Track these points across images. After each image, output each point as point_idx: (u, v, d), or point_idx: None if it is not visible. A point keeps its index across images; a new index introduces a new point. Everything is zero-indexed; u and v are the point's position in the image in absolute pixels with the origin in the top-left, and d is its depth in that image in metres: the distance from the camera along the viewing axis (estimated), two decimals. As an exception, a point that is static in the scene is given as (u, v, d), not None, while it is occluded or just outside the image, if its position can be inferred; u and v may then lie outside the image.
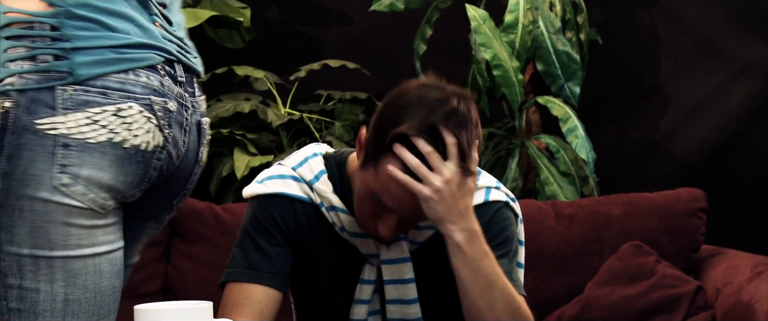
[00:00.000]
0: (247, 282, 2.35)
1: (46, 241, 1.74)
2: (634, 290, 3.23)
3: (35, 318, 1.75)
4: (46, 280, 1.75)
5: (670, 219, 3.40)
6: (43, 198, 1.73)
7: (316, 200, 2.39)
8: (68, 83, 1.74)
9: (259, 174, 2.46)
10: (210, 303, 1.70)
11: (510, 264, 2.37)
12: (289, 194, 2.40)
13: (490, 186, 2.41)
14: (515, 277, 2.38)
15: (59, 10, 1.77)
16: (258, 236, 2.38)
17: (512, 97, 4.07)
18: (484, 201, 2.39)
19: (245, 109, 4.15)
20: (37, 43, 1.74)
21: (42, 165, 1.72)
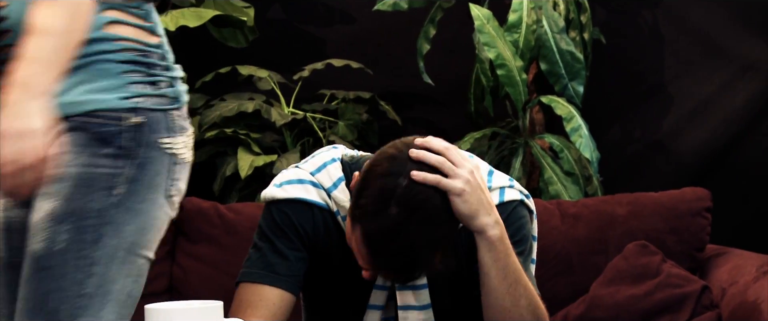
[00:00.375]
0: (263, 283, 2.35)
1: (145, 241, 1.98)
2: (639, 290, 3.23)
3: (102, 307, 1.90)
4: (126, 275, 1.95)
5: (675, 218, 3.40)
6: (158, 204, 1.98)
7: (334, 208, 2.39)
8: (175, 108, 2.00)
9: (277, 177, 2.46)
10: (220, 302, 1.71)
11: (525, 262, 2.37)
12: (307, 200, 2.40)
13: (503, 186, 2.41)
14: (529, 276, 2.38)
15: (163, 41, 2.05)
16: (276, 239, 2.38)
17: (516, 97, 4.07)
18: (500, 202, 2.38)
19: (249, 108, 4.14)
20: (155, 70, 1.99)
21: (162, 177, 1.98)
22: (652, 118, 4.46)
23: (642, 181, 4.36)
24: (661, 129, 4.46)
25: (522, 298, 2.27)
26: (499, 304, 2.27)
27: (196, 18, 4.09)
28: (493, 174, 2.42)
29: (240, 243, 3.34)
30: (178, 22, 4.05)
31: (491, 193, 2.37)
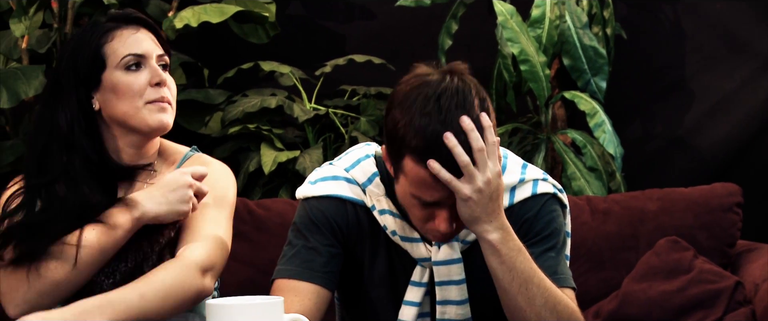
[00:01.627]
0: (299, 279, 2.35)
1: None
2: (671, 286, 3.23)
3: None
4: None
5: (706, 214, 3.39)
6: None
7: (369, 203, 2.39)
8: None
9: (311, 174, 2.46)
10: (281, 298, 1.70)
11: (557, 256, 2.36)
12: (342, 196, 2.40)
13: (537, 178, 2.40)
14: (562, 270, 2.36)
15: None
16: (311, 236, 2.38)
17: (539, 92, 4.06)
18: (532, 194, 2.38)
19: (272, 104, 4.14)
20: None
21: None
22: (674, 113, 4.45)
23: (663, 177, 4.36)
24: (682, 125, 4.45)
25: (536, 297, 2.25)
26: (514, 305, 2.26)
27: (218, 14, 4.08)
28: (527, 167, 2.42)
29: (270, 239, 3.34)
30: (200, 18, 4.04)
31: (524, 185, 2.37)
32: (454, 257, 2.35)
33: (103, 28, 2.43)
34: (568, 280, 2.36)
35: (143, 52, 2.42)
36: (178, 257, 2.29)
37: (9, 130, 4.05)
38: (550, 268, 2.33)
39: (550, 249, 2.35)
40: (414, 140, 2.17)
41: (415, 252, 2.37)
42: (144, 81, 2.40)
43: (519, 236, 2.34)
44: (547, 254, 2.34)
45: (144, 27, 2.45)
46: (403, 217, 2.37)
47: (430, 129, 2.16)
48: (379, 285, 2.42)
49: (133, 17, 2.46)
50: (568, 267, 2.40)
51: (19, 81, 3.72)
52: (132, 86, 2.40)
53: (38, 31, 4.02)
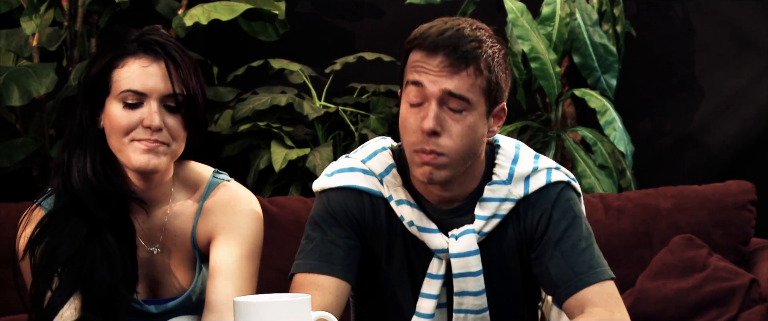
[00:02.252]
0: (318, 273, 2.34)
1: None
2: (686, 283, 3.23)
3: None
4: None
5: (720, 211, 3.39)
6: None
7: (386, 194, 2.39)
8: None
9: (328, 167, 2.46)
10: (309, 296, 1.69)
11: (589, 247, 2.35)
12: (358, 187, 2.40)
13: (550, 167, 2.40)
14: (598, 262, 2.35)
15: None
16: (328, 228, 2.38)
17: (549, 90, 4.06)
18: (547, 182, 2.38)
19: (282, 102, 4.13)
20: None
21: None
22: (683, 111, 4.45)
23: (673, 175, 4.35)
24: (691, 122, 4.45)
25: None
26: None
27: (228, 12, 4.07)
28: (539, 157, 2.42)
29: (283, 236, 3.34)
30: (210, 16, 4.03)
31: (537, 174, 2.38)
32: (472, 249, 2.35)
33: (120, 48, 2.31)
34: (606, 272, 2.35)
35: (145, 90, 2.28)
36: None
37: (19, 128, 4.05)
38: (586, 263, 2.33)
39: (578, 240, 2.34)
40: (413, 35, 2.33)
41: (431, 243, 2.36)
42: (136, 120, 2.28)
43: (537, 228, 2.35)
44: (578, 247, 2.33)
45: (164, 59, 2.31)
46: (420, 207, 2.37)
47: (429, 25, 2.32)
48: (396, 277, 2.42)
49: (153, 47, 2.31)
50: (602, 254, 2.39)
51: (31, 79, 3.71)
52: (121, 122, 2.28)
53: (49, 28, 4.01)
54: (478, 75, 2.25)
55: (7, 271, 3.25)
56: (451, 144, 2.27)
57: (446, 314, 2.42)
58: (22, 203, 3.35)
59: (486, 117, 2.29)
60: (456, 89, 2.25)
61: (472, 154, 2.30)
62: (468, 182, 2.37)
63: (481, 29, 2.30)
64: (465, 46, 2.25)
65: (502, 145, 2.41)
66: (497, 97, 2.29)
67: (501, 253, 2.38)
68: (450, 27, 2.29)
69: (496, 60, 2.27)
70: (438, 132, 2.26)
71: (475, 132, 2.28)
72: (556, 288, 2.33)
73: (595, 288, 2.31)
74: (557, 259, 2.33)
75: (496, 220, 2.37)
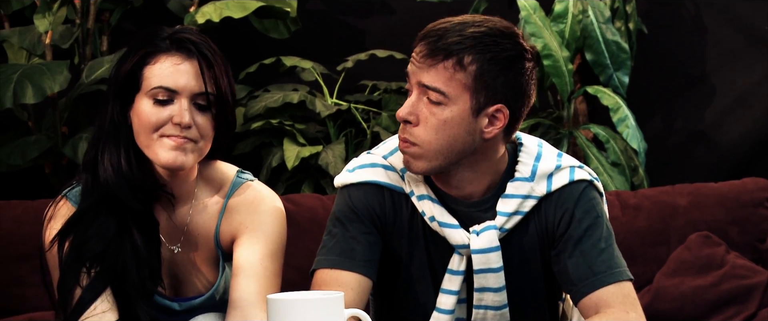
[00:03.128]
0: (340, 269, 2.34)
1: None
2: (704, 281, 3.22)
3: None
4: None
5: (737, 209, 3.39)
6: None
7: (407, 189, 2.38)
8: None
9: (350, 163, 2.45)
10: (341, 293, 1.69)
11: (609, 247, 2.34)
12: (380, 182, 2.39)
13: (573, 165, 2.39)
14: (618, 263, 2.34)
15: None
16: (350, 224, 2.37)
17: (562, 87, 4.06)
18: (570, 181, 2.37)
19: (294, 99, 4.13)
20: None
21: None
22: (694, 108, 4.45)
23: (684, 172, 4.35)
24: (703, 119, 4.44)
25: None
26: None
27: (240, 9, 4.07)
28: (563, 155, 2.41)
29: (300, 234, 3.33)
30: (222, 14, 4.03)
31: (560, 171, 2.37)
32: (493, 245, 2.35)
33: (153, 45, 2.30)
34: (625, 273, 2.34)
35: (177, 87, 2.27)
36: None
37: (31, 126, 4.04)
38: (604, 263, 2.32)
39: (598, 240, 2.33)
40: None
41: (453, 238, 2.36)
42: (166, 116, 2.27)
43: (559, 225, 2.35)
44: (598, 246, 2.33)
45: (197, 57, 2.29)
46: (441, 202, 2.36)
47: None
48: (417, 273, 2.41)
49: (186, 45, 2.29)
50: (621, 255, 2.39)
51: (45, 76, 3.71)
52: (150, 119, 2.27)
53: (61, 26, 4.01)
54: (458, 70, 2.24)
55: (24, 268, 3.29)
56: (425, 135, 2.28)
57: (466, 310, 2.42)
58: (39, 200, 3.36)
59: (473, 115, 2.27)
60: (430, 81, 2.26)
61: (454, 149, 2.29)
62: (481, 179, 2.36)
63: (491, 28, 2.28)
64: (447, 39, 2.25)
65: (524, 143, 2.41)
66: (490, 97, 2.27)
67: (522, 249, 2.38)
68: (455, 21, 2.30)
69: (496, 60, 2.25)
70: (410, 121, 2.28)
71: (453, 127, 2.27)
72: (573, 286, 2.33)
73: (612, 288, 2.30)
74: (576, 257, 2.33)
75: (517, 216, 2.36)
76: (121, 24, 4.26)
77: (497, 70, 2.26)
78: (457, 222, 2.36)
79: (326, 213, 3.43)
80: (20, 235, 3.30)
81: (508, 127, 2.31)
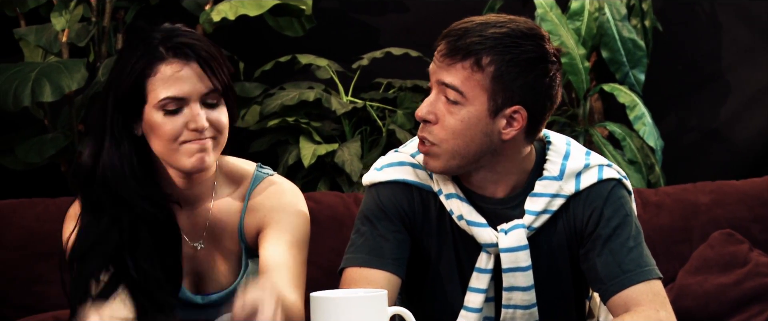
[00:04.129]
0: (368, 267, 2.34)
1: None
2: (728, 279, 3.22)
3: None
4: None
5: (759, 206, 3.39)
6: None
7: (435, 188, 2.38)
8: None
9: (377, 161, 2.45)
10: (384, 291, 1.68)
11: (638, 246, 2.34)
12: (408, 181, 2.39)
13: (601, 164, 2.39)
14: (647, 261, 2.34)
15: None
16: (378, 223, 2.37)
17: (578, 85, 4.06)
18: (598, 180, 2.36)
19: (310, 97, 4.12)
20: None
21: None
22: (710, 106, 4.44)
23: (699, 170, 4.35)
24: (718, 117, 4.44)
25: None
26: None
27: (256, 7, 4.06)
28: (591, 154, 2.41)
29: (321, 232, 3.32)
30: (237, 12, 4.02)
31: (589, 170, 2.36)
32: (521, 244, 2.34)
33: (149, 55, 2.28)
34: (654, 271, 2.34)
35: (184, 94, 2.27)
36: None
37: (47, 124, 4.04)
38: (634, 261, 2.32)
39: (627, 239, 2.33)
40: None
41: (481, 237, 2.35)
42: (180, 124, 2.27)
43: (588, 224, 2.34)
44: (627, 245, 2.32)
45: (196, 60, 2.28)
46: (469, 201, 2.36)
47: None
48: (445, 271, 2.41)
49: (183, 50, 2.28)
50: (650, 254, 2.38)
51: (62, 74, 3.71)
52: (166, 129, 2.27)
53: (77, 24, 4.00)
54: (476, 70, 2.24)
55: (46, 266, 3.28)
56: (442, 135, 2.28)
57: (494, 308, 2.41)
58: (61, 198, 3.36)
59: (490, 116, 2.27)
60: (449, 80, 2.26)
61: (471, 150, 2.29)
62: (503, 179, 2.36)
63: (513, 29, 2.27)
64: (466, 39, 2.25)
65: (553, 141, 2.40)
66: (507, 98, 2.26)
67: (550, 248, 2.38)
68: (477, 21, 2.30)
69: (516, 62, 2.25)
70: (429, 120, 2.29)
71: (471, 128, 2.27)
72: (602, 284, 2.33)
73: (641, 287, 2.30)
74: (606, 256, 2.32)
75: (546, 215, 2.36)
76: (136, 22, 4.26)
77: (516, 72, 2.25)
78: (485, 220, 2.36)
79: (347, 211, 3.43)
80: (42, 233, 3.30)
81: (529, 128, 2.31)
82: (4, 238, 3.35)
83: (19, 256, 3.33)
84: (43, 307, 3.26)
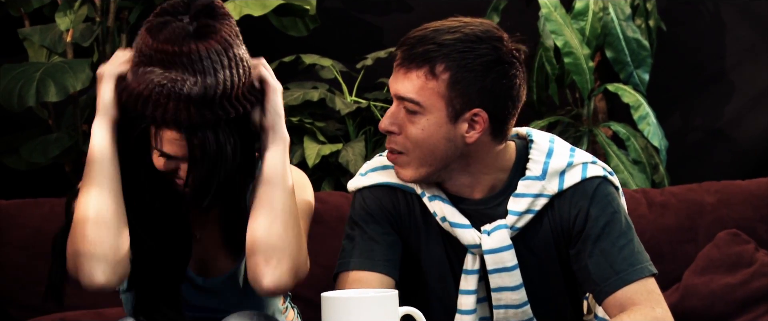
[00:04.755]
0: (362, 270, 2.34)
1: None
2: (734, 279, 3.22)
3: None
4: None
5: (765, 206, 3.38)
6: None
7: (419, 190, 2.38)
8: None
9: (362, 166, 2.47)
10: (396, 291, 1.68)
11: (629, 244, 2.32)
12: (392, 184, 2.40)
13: (586, 161, 2.37)
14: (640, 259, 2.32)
15: None
16: (367, 226, 2.38)
17: (582, 85, 4.06)
18: (582, 178, 2.35)
19: (314, 97, 4.12)
20: None
21: None
22: (714, 105, 4.44)
23: (703, 170, 4.34)
24: (723, 117, 4.43)
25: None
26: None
27: (260, 7, 4.06)
28: (575, 150, 2.40)
29: (327, 232, 3.32)
30: (241, 12, 4.02)
31: (572, 169, 2.35)
32: (504, 244, 2.34)
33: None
34: (647, 268, 2.32)
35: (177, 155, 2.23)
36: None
37: (51, 124, 4.04)
38: (626, 260, 2.30)
39: (617, 237, 2.31)
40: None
41: (464, 238, 2.35)
42: (173, 168, 2.25)
43: (575, 224, 2.33)
44: (618, 244, 2.31)
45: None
46: (452, 203, 2.36)
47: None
48: (438, 273, 2.41)
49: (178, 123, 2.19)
50: (643, 248, 2.36)
51: (67, 74, 3.71)
52: (159, 165, 2.25)
53: (82, 24, 4.00)
54: (431, 78, 2.24)
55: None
56: (407, 144, 2.30)
57: (488, 308, 2.41)
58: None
59: (450, 121, 2.27)
60: (404, 92, 2.28)
61: (437, 156, 2.30)
62: (479, 180, 2.36)
63: (467, 34, 2.27)
64: (420, 47, 2.26)
65: (535, 140, 2.39)
66: (465, 103, 2.26)
67: (537, 248, 2.37)
68: (432, 27, 2.31)
69: (470, 67, 2.24)
70: (393, 131, 2.30)
71: (433, 135, 2.28)
72: (595, 286, 2.31)
73: (635, 286, 2.29)
74: (597, 256, 2.31)
75: (529, 215, 2.35)
76: (139, 22, 4.25)
77: (471, 77, 2.25)
78: (468, 222, 2.35)
79: (353, 210, 3.43)
80: (48, 233, 3.26)
81: (493, 129, 2.31)
82: (10, 238, 3.35)
83: (25, 256, 3.33)
84: (49, 307, 3.26)
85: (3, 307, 3.36)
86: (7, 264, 3.33)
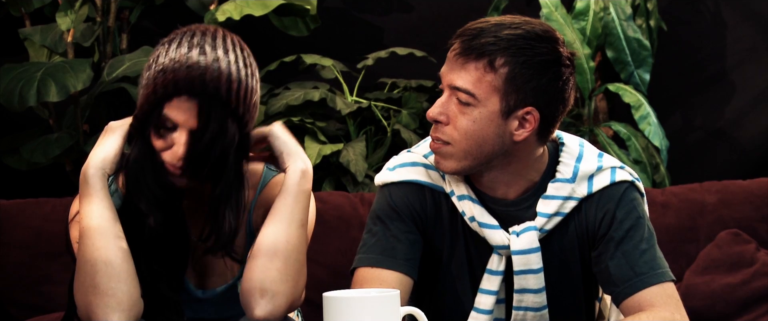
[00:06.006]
0: (381, 267, 2.33)
1: None
2: (735, 278, 3.22)
3: None
4: None
5: (766, 206, 3.38)
6: None
7: (447, 189, 2.38)
8: None
9: (389, 161, 2.45)
10: (397, 291, 1.68)
11: (651, 249, 2.34)
12: (420, 181, 2.39)
13: (614, 166, 2.39)
14: (660, 264, 2.34)
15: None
16: (391, 223, 2.37)
17: (583, 85, 4.06)
18: (611, 182, 2.36)
19: (315, 97, 4.12)
20: None
21: None
22: (715, 105, 4.44)
23: (704, 169, 4.34)
24: (723, 117, 4.44)
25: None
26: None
27: (261, 7, 4.06)
28: (603, 155, 2.40)
29: (327, 231, 3.33)
30: (242, 12, 4.02)
31: (601, 172, 2.36)
32: (533, 246, 2.34)
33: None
34: (667, 274, 2.34)
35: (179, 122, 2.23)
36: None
37: (52, 124, 4.04)
38: (647, 264, 2.32)
39: (640, 241, 2.33)
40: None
41: (492, 239, 2.35)
42: (160, 146, 2.25)
43: (600, 227, 2.34)
44: (640, 247, 2.32)
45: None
46: (481, 202, 2.36)
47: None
48: (457, 272, 2.41)
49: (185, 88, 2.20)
50: (663, 256, 2.38)
51: (68, 74, 3.70)
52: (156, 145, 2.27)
53: (83, 24, 4.00)
54: (489, 71, 2.24)
55: (54, 266, 3.28)
56: (455, 135, 2.29)
57: (505, 310, 2.41)
58: (68, 198, 3.34)
59: (501, 117, 2.27)
60: (460, 83, 2.26)
61: (484, 150, 2.30)
62: (514, 180, 2.36)
63: (528, 31, 2.26)
64: (480, 39, 2.25)
65: (566, 143, 2.40)
66: (520, 100, 2.26)
67: (562, 250, 2.38)
68: (493, 21, 2.29)
69: (529, 64, 2.24)
70: (441, 121, 2.29)
71: (483, 129, 2.28)
72: (615, 287, 2.32)
73: (654, 289, 2.30)
74: (618, 258, 2.32)
75: (558, 218, 2.36)
76: (140, 22, 4.25)
77: (529, 74, 2.25)
78: (497, 222, 2.36)
79: (353, 210, 3.42)
80: (49, 233, 3.30)
81: (541, 130, 2.31)
82: (12, 238, 3.35)
83: (26, 256, 3.33)
84: (51, 307, 3.26)
85: (3, 307, 3.36)
86: (7, 264, 3.33)
